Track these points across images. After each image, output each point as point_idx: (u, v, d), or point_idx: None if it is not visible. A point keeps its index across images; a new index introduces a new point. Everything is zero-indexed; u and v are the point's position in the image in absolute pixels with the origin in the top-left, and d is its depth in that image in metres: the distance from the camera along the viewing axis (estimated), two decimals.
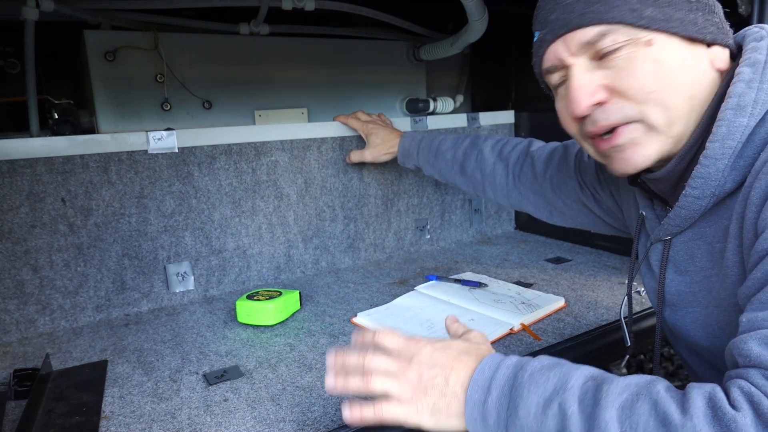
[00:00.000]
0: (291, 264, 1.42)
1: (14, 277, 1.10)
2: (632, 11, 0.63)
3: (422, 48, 1.69)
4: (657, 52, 0.64)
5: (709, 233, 0.70)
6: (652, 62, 0.64)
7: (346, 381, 0.67)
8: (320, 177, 1.43)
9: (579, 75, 0.68)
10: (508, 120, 1.74)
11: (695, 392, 0.52)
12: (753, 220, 0.59)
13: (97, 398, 0.86)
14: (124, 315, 1.22)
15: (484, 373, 0.62)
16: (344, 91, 1.65)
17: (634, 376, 0.57)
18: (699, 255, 0.72)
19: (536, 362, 0.61)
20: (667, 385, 0.55)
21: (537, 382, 0.58)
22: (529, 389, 0.58)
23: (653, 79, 0.64)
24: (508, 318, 1.06)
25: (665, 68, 0.64)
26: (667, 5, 0.64)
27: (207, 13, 1.46)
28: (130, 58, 1.33)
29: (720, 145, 0.62)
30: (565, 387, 0.56)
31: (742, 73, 0.63)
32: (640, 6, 0.63)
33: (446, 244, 1.68)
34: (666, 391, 0.53)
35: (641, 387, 0.54)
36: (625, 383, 0.55)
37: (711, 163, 0.63)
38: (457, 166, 1.20)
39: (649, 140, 0.67)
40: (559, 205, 1.06)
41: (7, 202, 1.08)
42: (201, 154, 1.27)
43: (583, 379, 0.57)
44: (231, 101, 1.48)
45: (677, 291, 0.75)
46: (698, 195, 0.66)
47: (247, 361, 0.96)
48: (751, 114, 0.61)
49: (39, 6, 1.18)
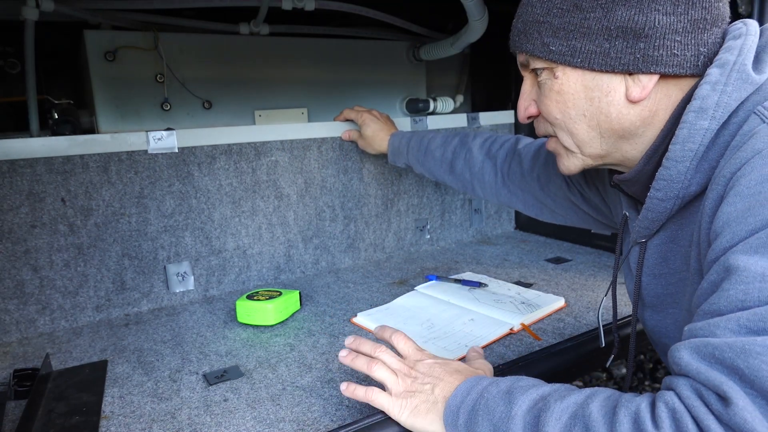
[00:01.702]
0: (291, 264, 1.42)
1: (14, 277, 1.10)
2: (543, 45, 0.68)
3: (422, 48, 1.69)
4: (560, 84, 0.69)
5: (680, 237, 0.70)
6: (556, 93, 0.69)
7: (355, 358, 0.77)
8: (320, 177, 1.43)
9: (523, 87, 0.76)
10: (508, 120, 1.74)
11: (622, 412, 0.53)
12: (707, 229, 0.59)
13: (97, 398, 0.86)
14: (124, 315, 1.22)
15: (457, 398, 0.66)
16: (344, 91, 1.65)
17: (576, 394, 0.58)
18: (672, 258, 0.72)
19: (494, 388, 0.64)
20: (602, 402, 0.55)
21: (489, 409, 0.62)
22: (483, 417, 0.62)
23: (557, 108, 0.70)
24: (508, 318, 1.06)
25: (567, 99, 0.69)
26: (578, 37, 0.66)
27: (207, 13, 1.46)
28: (130, 58, 1.33)
29: (681, 147, 0.62)
30: (510, 415, 0.60)
31: (709, 75, 0.62)
32: (550, 40, 0.68)
33: (446, 244, 1.68)
34: (599, 412, 0.54)
35: (578, 408, 0.56)
36: (563, 406, 0.57)
37: (673, 166, 0.63)
38: (446, 165, 1.20)
39: (567, 155, 0.75)
40: (548, 203, 1.06)
41: (7, 202, 1.08)
42: (201, 154, 1.27)
43: (527, 405, 0.60)
44: (231, 101, 1.48)
45: (655, 293, 0.76)
46: (662, 197, 0.66)
47: (247, 361, 0.96)
48: (713, 117, 0.61)
49: (39, 6, 1.18)
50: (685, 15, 0.63)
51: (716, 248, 0.55)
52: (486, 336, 0.99)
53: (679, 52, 0.64)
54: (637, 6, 0.63)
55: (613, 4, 0.63)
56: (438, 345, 0.96)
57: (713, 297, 0.54)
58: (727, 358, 0.49)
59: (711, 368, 0.50)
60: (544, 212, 1.10)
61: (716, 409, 0.48)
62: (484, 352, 0.95)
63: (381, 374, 0.73)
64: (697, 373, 0.51)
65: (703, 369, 0.50)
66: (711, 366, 0.50)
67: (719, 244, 0.55)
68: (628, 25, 0.63)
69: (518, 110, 0.77)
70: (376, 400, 0.72)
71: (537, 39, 0.69)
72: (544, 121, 0.75)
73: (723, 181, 0.58)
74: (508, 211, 1.81)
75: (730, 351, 0.49)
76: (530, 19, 0.70)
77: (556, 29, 0.67)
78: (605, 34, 0.64)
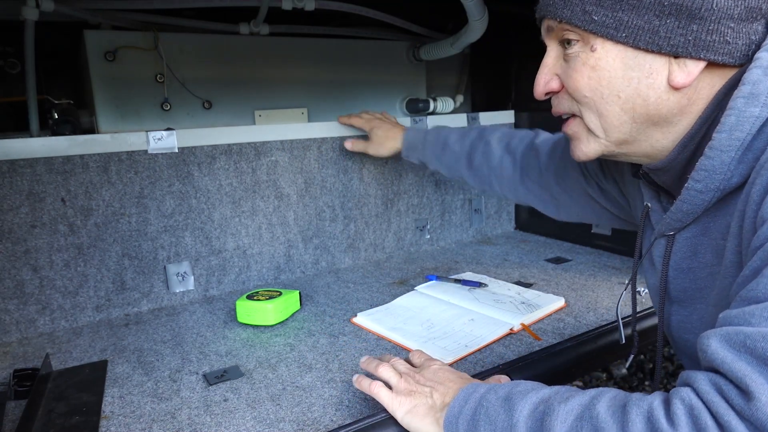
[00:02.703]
0: (291, 264, 1.42)
1: (14, 277, 1.10)
2: (584, 13, 0.62)
3: (422, 48, 1.69)
4: (597, 59, 0.63)
5: (713, 229, 0.66)
6: (590, 69, 0.63)
7: (369, 362, 0.81)
8: (320, 177, 1.43)
9: (546, 59, 0.69)
10: (508, 120, 1.74)
11: (634, 411, 0.51)
12: (752, 217, 0.56)
13: (97, 398, 0.86)
14: (124, 315, 1.22)
15: (455, 408, 0.65)
16: (344, 91, 1.65)
17: (579, 395, 0.57)
18: (702, 251, 0.68)
19: (493, 395, 0.63)
20: (608, 402, 0.54)
21: (490, 418, 0.61)
22: (485, 427, 0.61)
23: (588, 86, 0.64)
24: (508, 318, 1.06)
25: (602, 77, 0.63)
26: (626, 9, 0.60)
27: (207, 13, 1.46)
28: (130, 58, 1.33)
29: (727, 136, 0.58)
30: (511, 423, 0.58)
31: (760, 59, 0.58)
32: (593, 8, 0.61)
33: (446, 244, 1.68)
34: (606, 411, 0.53)
35: (584, 409, 0.54)
36: (568, 408, 0.55)
37: (716, 155, 0.59)
38: (465, 159, 1.17)
39: (587, 139, 0.69)
40: (564, 199, 1.04)
41: (7, 202, 1.08)
42: (201, 154, 1.27)
43: (528, 410, 0.58)
44: (231, 101, 1.48)
45: (682, 288, 0.72)
46: (701, 189, 0.62)
47: (247, 361, 0.96)
48: (765, 104, 0.56)
49: (39, 6, 1.18)
50: (743, 1, 0.58)
51: (761, 235, 0.53)
52: (486, 336, 0.99)
53: (731, 39, 0.59)
54: None
55: None
56: (438, 345, 0.96)
57: (752, 283, 0.51)
58: (758, 348, 0.46)
59: (738, 358, 0.47)
60: (561, 210, 1.07)
61: (737, 404, 0.46)
62: (484, 352, 0.95)
63: (385, 373, 0.75)
64: (722, 363, 0.48)
65: (729, 359, 0.47)
66: (739, 356, 0.47)
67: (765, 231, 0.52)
68: (683, 3, 0.58)
69: (536, 85, 0.70)
70: (377, 393, 0.73)
71: (577, 5, 0.62)
72: (568, 99, 0.68)
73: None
74: (508, 211, 1.81)
75: (763, 341, 0.46)
76: None
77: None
78: (657, 10, 0.59)
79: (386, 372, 0.76)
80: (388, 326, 1.06)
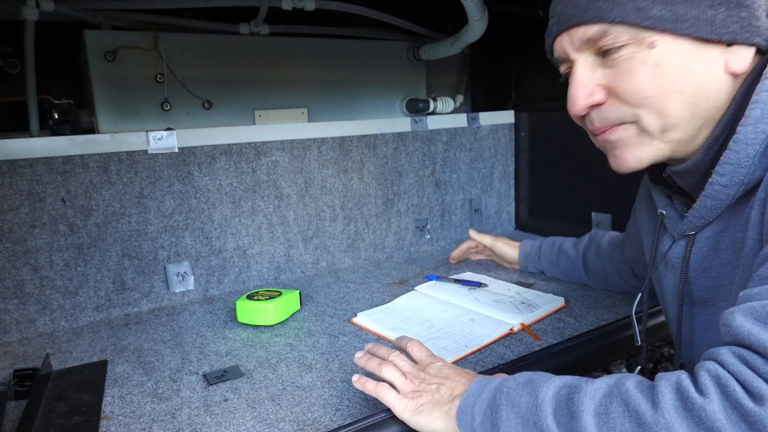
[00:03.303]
0: (291, 264, 1.42)
1: (14, 277, 1.10)
2: (637, 10, 0.60)
3: (422, 48, 1.69)
4: (659, 56, 0.60)
5: (733, 224, 0.66)
6: (652, 66, 0.61)
7: (368, 360, 0.78)
8: (320, 177, 1.43)
9: (580, 72, 0.66)
10: (508, 120, 1.74)
11: (663, 384, 0.51)
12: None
13: (97, 398, 0.86)
14: (124, 315, 1.22)
15: (469, 398, 0.65)
16: (344, 91, 1.65)
17: (603, 378, 0.57)
18: (723, 248, 0.68)
19: (512, 381, 0.63)
20: (636, 381, 0.54)
21: (513, 402, 0.60)
22: (507, 411, 0.61)
23: (651, 84, 0.61)
24: (508, 318, 1.06)
25: (666, 73, 0.61)
26: (680, 2, 0.59)
27: (207, 13, 1.46)
28: (130, 58, 1.33)
29: (753, 129, 0.58)
30: (537, 403, 0.58)
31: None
32: (647, 4, 0.59)
33: (446, 244, 1.68)
34: (635, 388, 0.53)
35: (611, 387, 0.54)
36: (595, 387, 0.55)
37: (741, 149, 0.59)
38: (581, 262, 1.21)
39: (641, 143, 0.66)
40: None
41: (7, 202, 1.08)
42: (201, 154, 1.27)
43: (553, 391, 0.58)
44: (231, 101, 1.48)
45: (706, 287, 0.72)
46: (726, 183, 0.61)
47: (247, 361, 0.96)
48: None
49: (39, 6, 1.18)
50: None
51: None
52: (486, 336, 0.99)
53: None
54: None
55: None
56: (438, 345, 0.96)
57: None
58: None
59: (764, 329, 0.48)
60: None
61: (764, 372, 0.47)
62: (485, 352, 0.95)
63: (390, 374, 0.74)
64: (748, 335, 0.49)
65: (755, 330, 0.49)
66: (764, 327, 0.48)
67: None
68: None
69: (575, 100, 0.66)
70: (384, 395, 0.72)
71: (628, 3, 0.60)
72: (620, 105, 0.64)
73: None
74: (507, 211, 1.81)
75: None
76: None
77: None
78: (708, 0, 0.59)
79: (390, 373, 0.74)
80: (388, 326, 1.06)
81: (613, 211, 1.51)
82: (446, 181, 1.65)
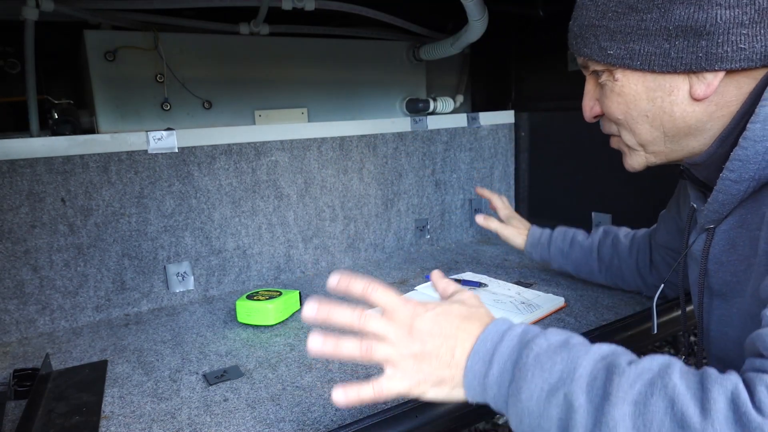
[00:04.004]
0: (291, 264, 1.42)
1: (14, 277, 1.10)
2: (600, 49, 0.68)
3: (422, 48, 1.69)
4: (621, 86, 0.68)
5: (750, 221, 0.66)
6: (617, 95, 0.69)
7: (337, 343, 0.59)
8: (320, 177, 1.43)
9: (586, 87, 0.76)
10: (508, 120, 1.74)
11: (716, 390, 0.47)
12: None
13: (97, 398, 0.86)
14: (124, 315, 1.22)
15: (486, 343, 0.59)
16: (344, 91, 1.65)
17: (646, 360, 0.52)
18: (741, 243, 0.68)
19: (543, 340, 0.57)
20: (681, 373, 0.50)
21: (543, 366, 0.55)
22: (533, 373, 0.55)
23: (618, 109, 0.70)
24: (508, 318, 1.06)
25: (629, 101, 0.69)
26: (636, 39, 0.64)
27: (207, 13, 1.46)
28: (130, 58, 1.33)
29: (762, 126, 0.59)
30: (573, 376, 0.53)
31: None
32: (607, 44, 0.67)
33: (446, 244, 1.68)
34: (683, 384, 0.49)
35: (655, 376, 0.50)
36: (637, 372, 0.51)
37: (750, 146, 0.60)
38: (595, 253, 1.17)
39: (631, 153, 0.75)
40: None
41: (7, 202, 1.08)
42: (201, 154, 1.27)
43: (591, 366, 0.53)
44: (231, 101, 1.48)
45: (724, 281, 0.72)
46: (735, 178, 0.63)
47: (247, 361, 0.96)
48: None
49: (39, 6, 1.18)
50: (751, 5, 0.59)
51: None
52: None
53: (746, 45, 0.60)
54: (696, 3, 0.60)
55: (671, 3, 0.61)
56: None
57: None
58: None
59: None
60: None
61: None
62: None
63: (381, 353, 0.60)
64: None
65: None
66: None
67: None
68: (687, 23, 0.61)
69: (584, 110, 0.77)
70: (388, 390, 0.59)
71: (594, 43, 0.68)
72: (608, 120, 0.75)
73: None
74: None
75: None
76: (586, 23, 0.69)
77: (612, 32, 0.66)
78: (664, 35, 0.63)
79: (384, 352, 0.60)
80: None
81: (613, 211, 1.51)
82: (446, 181, 1.65)
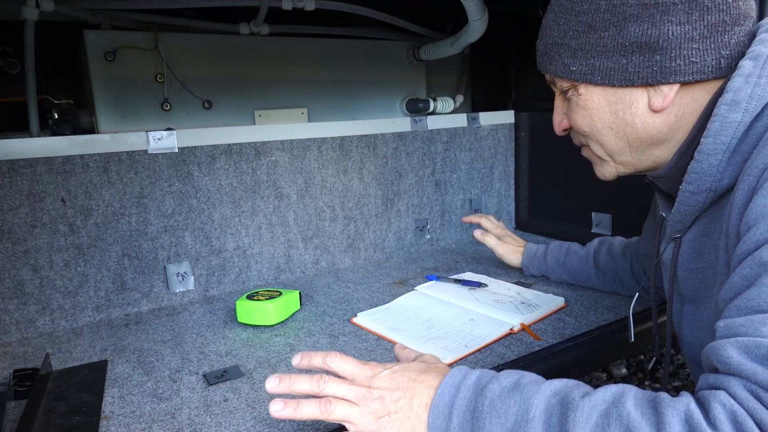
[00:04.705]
0: (291, 264, 1.42)
1: (14, 277, 1.10)
2: (564, 66, 0.71)
3: (422, 48, 1.69)
4: (584, 101, 0.72)
5: (713, 230, 0.69)
6: (582, 108, 0.72)
7: (299, 407, 0.64)
8: (320, 177, 1.43)
9: (555, 102, 0.79)
10: (508, 120, 1.74)
11: (669, 413, 0.49)
12: (736, 221, 0.58)
13: (97, 398, 0.86)
14: (124, 315, 1.22)
15: (444, 397, 0.61)
16: (344, 91, 1.65)
17: (600, 391, 0.54)
18: (706, 252, 0.71)
19: (496, 385, 0.59)
20: (635, 401, 0.52)
21: (497, 411, 0.57)
22: (490, 420, 0.57)
23: (584, 122, 0.73)
24: (508, 318, 1.06)
25: (593, 114, 0.72)
26: (596, 56, 0.68)
27: (207, 13, 1.46)
28: (130, 58, 1.33)
29: (713, 140, 0.62)
30: (527, 417, 0.55)
31: (742, 67, 0.61)
32: (570, 61, 0.70)
33: (446, 244, 1.68)
34: (637, 411, 0.50)
35: (609, 406, 0.52)
36: (591, 404, 0.52)
37: (704, 159, 0.63)
38: (591, 260, 1.19)
39: (600, 163, 0.78)
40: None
41: (7, 202, 1.08)
42: (201, 154, 1.27)
43: (544, 404, 0.55)
44: (231, 101, 1.48)
45: (694, 288, 0.75)
46: (694, 190, 0.66)
47: (247, 361, 0.96)
48: (746, 110, 0.60)
49: (39, 6, 1.18)
50: (701, 21, 0.63)
51: (749, 241, 0.54)
52: (486, 336, 0.99)
53: (698, 59, 0.64)
54: (649, 20, 0.63)
55: (625, 21, 0.65)
56: (438, 345, 0.96)
57: (751, 292, 0.52)
58: None
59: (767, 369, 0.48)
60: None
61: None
62: (485, 352, 0.95)
63: (340, 412, 0.63)
64: (753, 374, 0.48)
65: (759, 370, 0.48)
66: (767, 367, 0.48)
67: (752, 236, 0.53)
68: (642, 40, 0.64)
69: (553, 124, 0.80)
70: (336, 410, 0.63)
71: (558, 60, 0.72)
72: (576, 133, 0.78)
73: (756, 172, 0.57)
74: (507, 211, 1.81)
75: None
76: (550, 42, 0.73)
77: (574, 50, 0.70)
78: (621, 51, 0.66)
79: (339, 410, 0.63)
80: (388, 326, 1.06)
81: (613, 211, 1.51)
82: (446, 181, 1.65)
